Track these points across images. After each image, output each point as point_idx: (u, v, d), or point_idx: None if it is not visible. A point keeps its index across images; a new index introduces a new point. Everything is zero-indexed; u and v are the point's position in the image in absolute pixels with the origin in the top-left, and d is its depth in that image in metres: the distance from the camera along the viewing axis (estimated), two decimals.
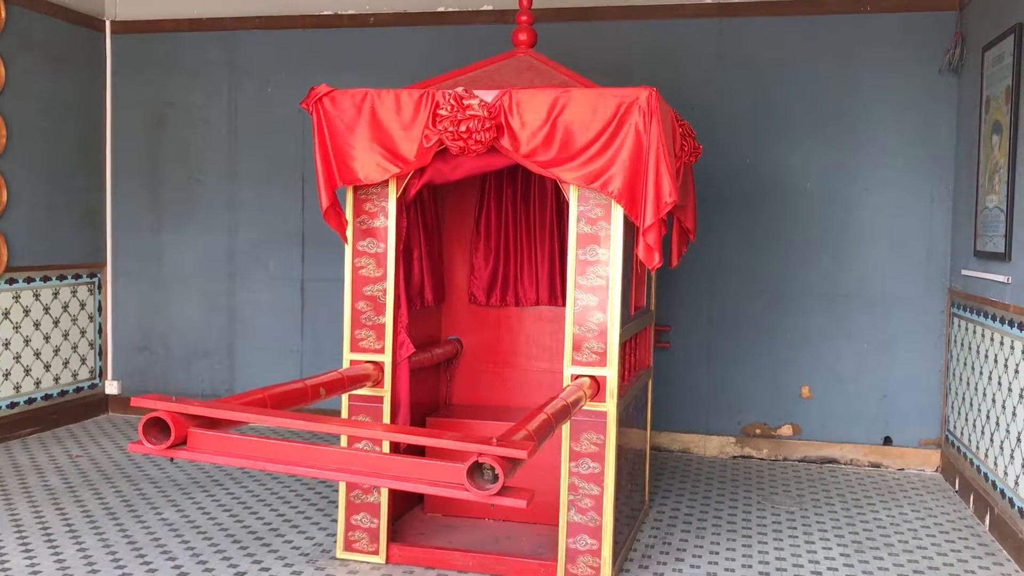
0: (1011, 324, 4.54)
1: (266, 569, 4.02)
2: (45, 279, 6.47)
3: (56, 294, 6.58)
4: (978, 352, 5.10)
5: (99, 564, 4.02)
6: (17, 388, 6.27)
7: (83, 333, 6.86)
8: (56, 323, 6.59)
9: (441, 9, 6.45)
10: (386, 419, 4.02)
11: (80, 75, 6.77)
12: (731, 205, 6.07)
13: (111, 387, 7.07)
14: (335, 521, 4.62)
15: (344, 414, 4.09)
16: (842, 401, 6.01)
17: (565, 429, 3.81)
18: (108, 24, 6.97)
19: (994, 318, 4.81)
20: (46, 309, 6.49)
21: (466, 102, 3.66)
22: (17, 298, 6.23)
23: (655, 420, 5.63)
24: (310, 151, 6.36)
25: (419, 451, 3.86)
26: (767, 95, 6.04)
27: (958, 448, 5.46)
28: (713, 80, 6.10)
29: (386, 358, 4.01)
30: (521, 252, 4.85)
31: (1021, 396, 4.36)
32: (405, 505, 4.58)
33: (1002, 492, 4.59)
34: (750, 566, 4.20)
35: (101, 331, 7.05)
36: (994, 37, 4.95)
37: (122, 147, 7.03)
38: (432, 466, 2.56)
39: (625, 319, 3.95)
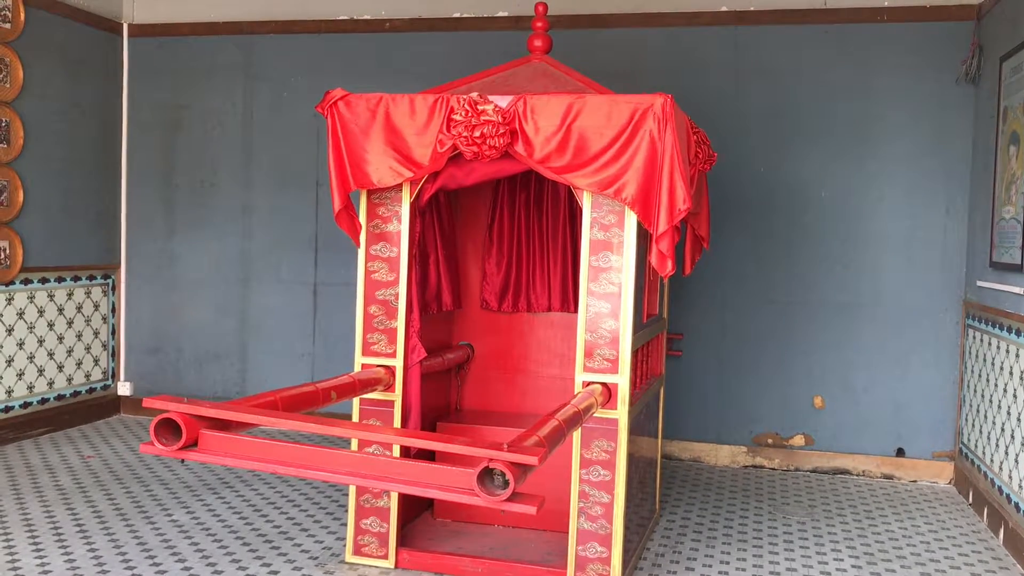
0: None
1: (275, 572, 4.02)
2: (59, 280, 6.51)
3: (70, 295, 6.61)
4: (992, 364, 5.06)
5: (109, 564, 4.03)
6: (30, 388, 6.30)
7: (96, 334, 6.89)
8: (70, 324, 6.62)
9: (456, 15, 6.46)
10: (397, 423, 4.01)
11: (97, 78, 6.81)
12: (745, 213, 6.05)
13: (123, 388, 7.10)
14: (344, 525, 4.62)
15: (355, 418, 4.09)
16: (855, 412, 5.97)
17: (576, 436, 3.80)
18: (125, 27, 7.01)
19: (1009, 330, 4.78)
20: (60, 310, 6.52)
21: (480, 107, 3.66)
22: (32, 298, 6.26)
23: (666, 429, 5.61)
24: (324, 155, 6.38)
25: (429, 456, 3.86)
26: (782, 103, 6.02)
27: (972, 460, 5.42)
28: (728, 88, 6.08)
29: (398, 362, 4.01)
30: (534, 258, 4.85)
31: None
32: (415, 510, 4.58)
33: (1016, 505, 4.55)
34: None
35: (114, 332, 7.07)
36: (1012, 47, 4.92)
37: (138, 150, 7.07)
38: (442, 471, 2.55)
39: (637, 326, 3.94)
